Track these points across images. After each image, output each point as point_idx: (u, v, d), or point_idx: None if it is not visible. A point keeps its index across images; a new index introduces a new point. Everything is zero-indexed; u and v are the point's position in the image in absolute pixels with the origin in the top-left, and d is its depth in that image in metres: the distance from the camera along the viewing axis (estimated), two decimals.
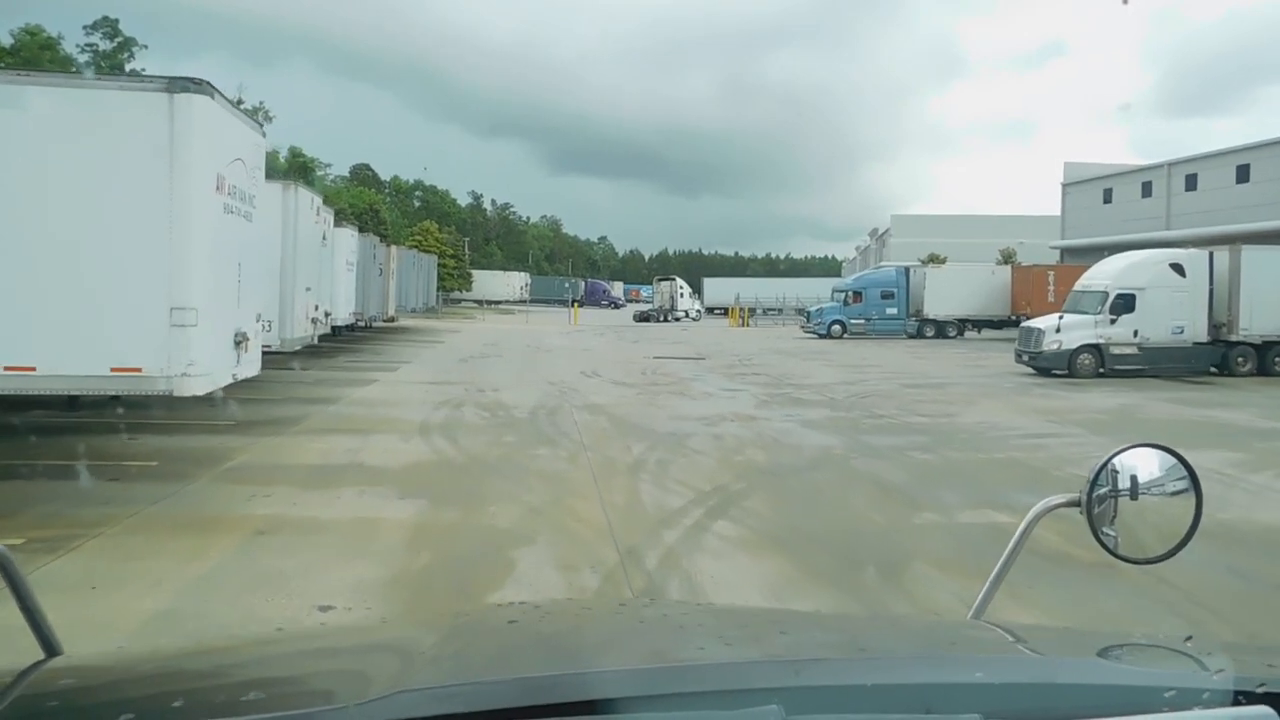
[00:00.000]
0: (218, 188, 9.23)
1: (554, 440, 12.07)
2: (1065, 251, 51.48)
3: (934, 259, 54.68)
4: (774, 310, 58.15)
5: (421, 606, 5.81)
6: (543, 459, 10.80)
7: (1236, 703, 1.11)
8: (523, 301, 71.02)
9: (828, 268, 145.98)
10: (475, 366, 23.22)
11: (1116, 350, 22.01)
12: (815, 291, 55.55)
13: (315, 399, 15.36)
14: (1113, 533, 1.64)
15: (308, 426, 12.65)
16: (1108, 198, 48.57)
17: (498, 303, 75.31)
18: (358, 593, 5.88)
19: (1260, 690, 1.12)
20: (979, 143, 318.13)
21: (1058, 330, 22.10)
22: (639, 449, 11.50)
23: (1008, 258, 54.24)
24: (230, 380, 10.36)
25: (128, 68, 57.05)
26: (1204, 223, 38.86)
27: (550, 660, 1.34)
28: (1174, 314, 22.14)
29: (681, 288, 61.02)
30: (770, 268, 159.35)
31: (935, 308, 40.06)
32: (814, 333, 40.58)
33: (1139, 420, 15.22)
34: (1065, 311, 22.96)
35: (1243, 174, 40.28)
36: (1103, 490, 1.64)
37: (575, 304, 55.28)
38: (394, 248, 32.83)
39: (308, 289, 15.76)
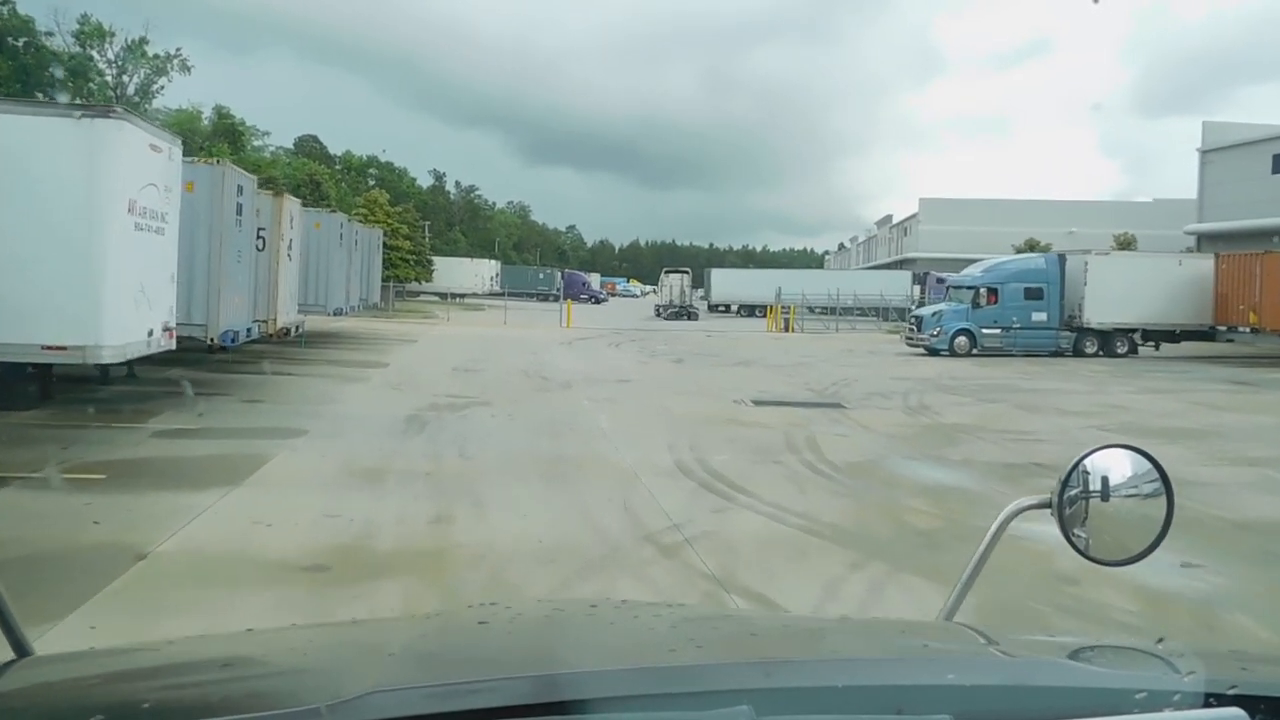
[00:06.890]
0: None
1: None
2: (1203, 237, 39.84)
3: (1032, 245, 42.81)
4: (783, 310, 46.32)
5: None
6: None
7: (1207, 705, 1.08)
8: (495, 294, 58.19)
9: (808, 262, 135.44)
10: (439, 450, 10.57)
11: None
12: (873, 287, 43.41)
13: None
14: (1083, 534, 1.57)
15: None
16: (1278, 166, 36.89)
17: (463, 296, 62.14)
18: None
19: (1231, 692, 1.09)
20: (954, 139, 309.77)
21: None
22: None
23: (1124, 244, 42.49)
24: None
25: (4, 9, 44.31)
26: None
27: (522, 661, 1.32)
28: None
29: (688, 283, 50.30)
30: (746, 261, 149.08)
31: (1099, 312, 27.99)
32: (923, 346, 28.29)
33: None
34: None
35: None
36: (1074, 491, 1.58)
37: (568, 300, 42.43)
38: (289, 200, 17.98)
39: None
